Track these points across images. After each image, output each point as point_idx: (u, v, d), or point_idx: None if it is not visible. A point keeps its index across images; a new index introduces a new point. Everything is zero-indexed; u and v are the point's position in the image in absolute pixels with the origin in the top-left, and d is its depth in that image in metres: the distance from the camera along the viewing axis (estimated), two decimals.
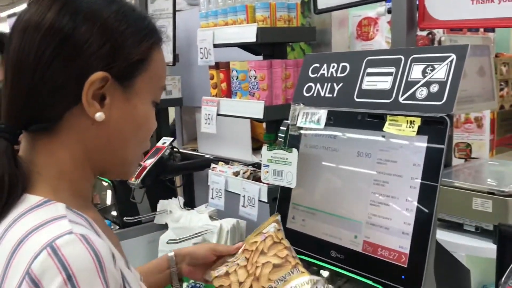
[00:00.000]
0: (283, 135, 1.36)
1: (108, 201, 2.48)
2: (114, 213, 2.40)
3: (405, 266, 1.04)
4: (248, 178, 1.80)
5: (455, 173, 1.97)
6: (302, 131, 1.33)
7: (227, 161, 2.04)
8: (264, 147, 1.37)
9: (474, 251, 1.73)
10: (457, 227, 1.85)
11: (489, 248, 1.72)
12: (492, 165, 2.20)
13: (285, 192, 1.35)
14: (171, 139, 2.16)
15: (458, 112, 1.94)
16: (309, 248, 1.26)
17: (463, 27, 1.89)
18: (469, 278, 1.26)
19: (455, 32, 2.15)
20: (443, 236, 1.80)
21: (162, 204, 2.29)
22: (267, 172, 1.36)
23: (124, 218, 2.24)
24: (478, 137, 2.46)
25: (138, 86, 0.75)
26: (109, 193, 2.46)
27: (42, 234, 0.62)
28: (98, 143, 0.74)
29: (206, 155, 2.45)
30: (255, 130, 2.50)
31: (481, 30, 2.26)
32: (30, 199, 0.68)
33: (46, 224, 0.64)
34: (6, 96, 0.72)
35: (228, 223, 2.00)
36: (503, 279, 0.91)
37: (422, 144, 1.06)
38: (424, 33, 2.46)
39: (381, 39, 2.68)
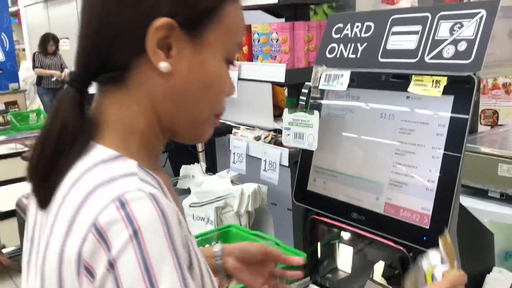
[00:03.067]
0: (305, 98, 1.34)
1: None
2: None
3: (427, 227, 1.04)
4: (269, 142, 1.80)
5: (480, 139, 1.93)
6: (324, 93, 1.31)
7: (248, 126, 2.04)
8: (285, 110, 1.36)
9: (499, 217, 1.70)
10: (481, 194, 1.82)
11: None
12: None
13: (306, 155, 1.34)
14: None
15: (485, 77, 1.88)
16: (330, 210, 1.26)
17: None
18: (492, 242, 1.24)
19: None
20: (467, 202, 1.77)
21: (184, 169, 2.31)
22: (288, 135, 1.35)
23: None
24: (505, 104, 2.40)
25: (209, 38, 0.69)
26: None
27: (111, 188, 0.61)
28: (166, 98, 0.70)
29: (227, 122, 2.45)
30: (277, 97, 2.48)
31: None
32: (101, 151, 0.67)
33: (117, 179, 0.62)
34: (78, 44, 0.70)
35: (249, 187, 2.01)
36: None
37: (447, 104, 1.04)
38: None
39: (407, 3, 2.61)
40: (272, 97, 2.37)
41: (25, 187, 0.73)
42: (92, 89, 0.72)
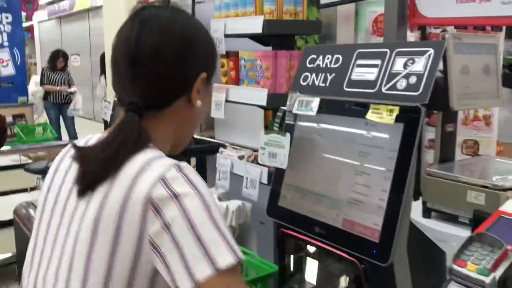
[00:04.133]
0: (279, 121, 1.46)
1: None
2: None
3: (377, 241, 1.14)
4: (252, 162, 1.91)
5: (454, 167, 2.02)
6: (297, 117, 1.43)
7: (236, 146, 2.16)
8: (262, 132, 1.48)
9: None
10: (452, 219, 1.91)
11: None
12: (494, 162, 2.24)
13: (279, 173, 1.45)
14: None
15: (460, 108, 1.98)
16: (297, 225, 1.36)
17: (448, 25, 1.95)
18: (444, 260, 1.34)
19: (462, 31, 2.20)
20: (438, 226, 1.87)
21: None
22: (263, 154, 1.47)
23: None
24: (486, 135, 2.50)
25: (211, 82, 1.04)
26: None
27: (165, 160, 0.90)
28: (187, 122, 1.02)
29: (219, 142, 2.57)
30: (269, 120, 2.61)
31: (488, 28, 2.30)
32: (152, 151, 0.93)
33: (162, 157, 0.91)
34: (137, 83, 0.95)
35: (234, 204, 2.11)
36: (455, 252, 1.00)
37: (399, 131, 1.15)
38: (438, 30, 2.52)
39: None
40: (264, 120, 2.50)
41: (24, 198, 0.91)
42: None
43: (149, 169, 0.88)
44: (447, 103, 1.94)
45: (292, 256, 1.48)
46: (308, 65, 1.45)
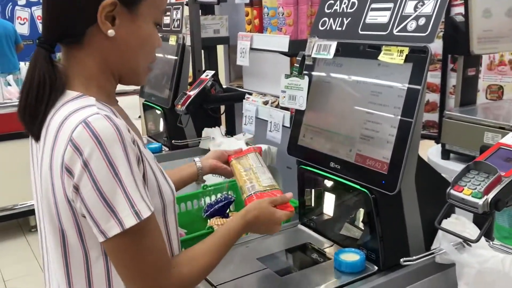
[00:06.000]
0: (298, 65, 1.55)
1: (161, 128, 2.80)
2: (165, 138, 2.72)
3: (386, 173, 1.24)
4: (276, 107, 2.01)
5: (474, 110, 2.07)
6: (315, 61, 1.52)
7: (262, 93, 2.26)
8: (283, 75, 1.57)
9: None
10: (470, 160, 1.98)
11: None
12: None
13: (299, 115, 1.55)
14: (213, 72, 2.39)
15: (480, 52, 2.01)
16: (315, 161, 1.47)
17: None
18: None
19: None
20: (456, 167, 1.94)
21: (206, 131, 2.56)
22: (284, 97, 1.57)
23: (173, 141, 2.54)
24: (510, 80, 2.50)
25: (142, 10, 0.97)
26: (161, 121, 2.77)
27: (77, 115, 0.89)
28: (113, 54, 0.97)
29: (247, 90, 2.67)
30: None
31: None
32: (70, 94, 0.95)
33: (80, 109, 0.90)
34: (43, 15, 0.97)
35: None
36: (453, 178, 1.09)
37: (408, 70, 1.22)
38: None
39: None
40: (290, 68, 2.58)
41: None
42: None
43: (62, 129, 0.88)
44: (468, 47, 1.97)
45: (311, 191, 1.60)
46: (326, 11, 1.52)
